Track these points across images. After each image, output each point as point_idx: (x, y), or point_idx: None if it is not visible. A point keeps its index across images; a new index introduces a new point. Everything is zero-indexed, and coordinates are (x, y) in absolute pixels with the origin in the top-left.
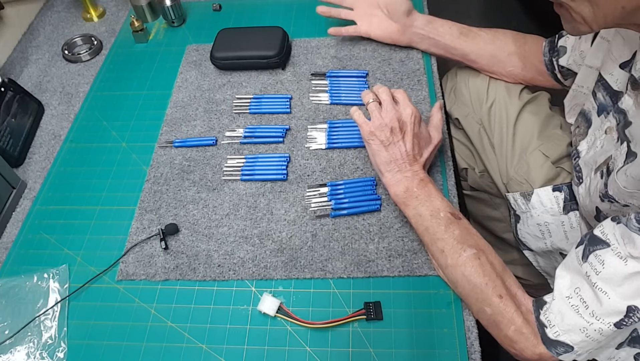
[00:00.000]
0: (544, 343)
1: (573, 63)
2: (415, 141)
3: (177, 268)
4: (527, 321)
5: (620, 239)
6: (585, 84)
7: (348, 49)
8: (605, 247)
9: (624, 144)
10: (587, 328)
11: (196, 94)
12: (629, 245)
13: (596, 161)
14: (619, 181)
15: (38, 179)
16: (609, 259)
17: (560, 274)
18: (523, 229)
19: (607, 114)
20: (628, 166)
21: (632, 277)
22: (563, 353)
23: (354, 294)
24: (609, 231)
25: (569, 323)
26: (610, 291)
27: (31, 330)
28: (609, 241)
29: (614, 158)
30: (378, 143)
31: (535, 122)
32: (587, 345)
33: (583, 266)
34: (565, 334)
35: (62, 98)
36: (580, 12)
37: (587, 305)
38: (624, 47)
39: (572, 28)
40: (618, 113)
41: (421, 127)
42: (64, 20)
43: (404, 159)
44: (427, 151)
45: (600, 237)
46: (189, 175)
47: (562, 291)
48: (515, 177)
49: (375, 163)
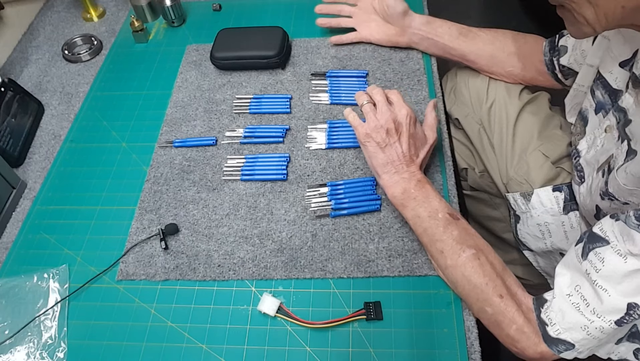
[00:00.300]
0: (545, 342)
1: (574, 62)
2: (412, 142)
3: (177, 268)
4: (528, 320)
5: (619, 236)
6: (585, 82)
7: (348, 49)
8: (604, 244)
9: (625, 143)
10: (588, 326)
11: (196, 94)
12: (628, 242)
13: (598, 160)
14: (619, 179)
15: (38, 179)
16: (609, 257)
17: (560, 272)
18: (523, 230)
19: (606, 112)
20: (628, 164)
21: (632, 274)
22: (564, 350)
23: (354, 294)
24: (608, 228)
25: (569, 321)
26: (611, 289)
27: (31, 330)
28: (609, 239)
29: (615, 157)
30: (374, 145)
31: (535, 122)
32: (588, 343)
33: (583, 263)
34: (566, 332)
35: (62, 98)
36: (582, 13)
37: (588, 303)
38: (624, 46)
39: (576, 30)
40: (618, 111)
41: (417, 128)
42: (64, 20)
43: (401, 160)
44: (423, 152)
45: (600, 234)
46: (189, 175)
47: (563, 289)
48: (515, 177)
49: (372, 165)
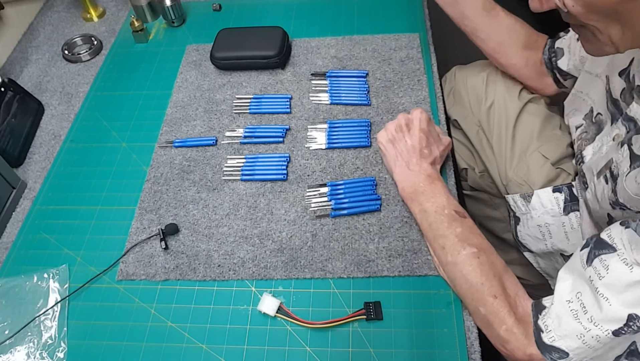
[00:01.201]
0: (539, 348)
1: (573, 68)
2: (423, 136)
3: (177, 268)
4: (519, 321)
5: (627, 244)
6: (584, 90)
7: (348, 49)
8: (611, 252)
9: (624, 147)
10: (584, 335)
11: (196, 94)
12: (635, 251)
13: (597, 165)
14: (629, 189)
15: (38, 179)
16: (614, 265)
17: (562, 277)
18: (523, 231)
19: (616, 121)
20: (637, 172)
21: (636, 285)
22: (558, 359)
23: (354, 295)
24: (616, 235)
25: (566, 328)
26: (612, 298)
27: (31, 330)
28: (616, 246)
29: (616, 162)
30: (387, 141)
31: (534, 123)
32: (583, 352)
33: (587, 270)
34: (561, 339)
35: (62, 98)
36: (608, 33)
37: (587, 310)
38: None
39: (594, 49)
40: (627, 121)
41: (430, 126)
42: (64, 20)
43: (410, 153)
44: (436, 149)
45: (607, 241)
46: (189, 175)
47: (563, 295)
48: (515, 179)
49: (387, 162)
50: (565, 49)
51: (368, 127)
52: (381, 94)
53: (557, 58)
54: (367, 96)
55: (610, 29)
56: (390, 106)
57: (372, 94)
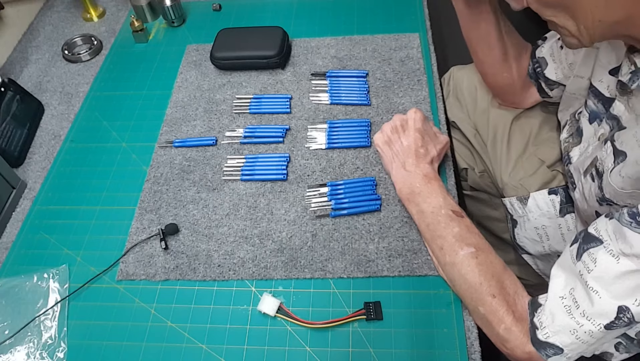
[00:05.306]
0: (534, 345)
1: (563, 77)
2: (418, 136)
3: (177, 268)
4: (518, 319)
5: (612, 235)
6: (576, 91)
7: (348, 49)
8: (598, 244)
9: (608, 144)
10: (577, 330)
11: (196, 94)
12: (620, 240)
13: (583, 164)
14: (614, 183)
15: (38, 179)
16: (601, 257)
17: (555, 274)
18: (521, 234)
19: (600, 121)
20: (621, 167)
21: (624, 276)
22: (553, 355)
23: (354, 295)
24: (602, 227)
25: (559, 324)
26: (602, 291)
27: (31, 330)
28: (602, 238)
29: (600, 159)
30: (383, 142)
31: (530, 125)
32: (577, 347)
33: (577, 265)
34: (555, 335)
35: (62, 98)
36: (565, 26)
37: (579, 305)
38: (611, 54)
39: (567, 42)
40: (611, 119)
41: (426, 125)
42: (64, 20)
43: (406, 154)
44: (433, 148)
45: (594, 234)
46: (189, 175)
47: (556, 292)
48: (511, 182)
49: (384, 163)
50: (548, 58)
51: (368, 127)
52: (381, 94)
53: (543, 68)
54: (367, 96)
55: (566, 22)
56: (390, 106)
57: (372, 94)
